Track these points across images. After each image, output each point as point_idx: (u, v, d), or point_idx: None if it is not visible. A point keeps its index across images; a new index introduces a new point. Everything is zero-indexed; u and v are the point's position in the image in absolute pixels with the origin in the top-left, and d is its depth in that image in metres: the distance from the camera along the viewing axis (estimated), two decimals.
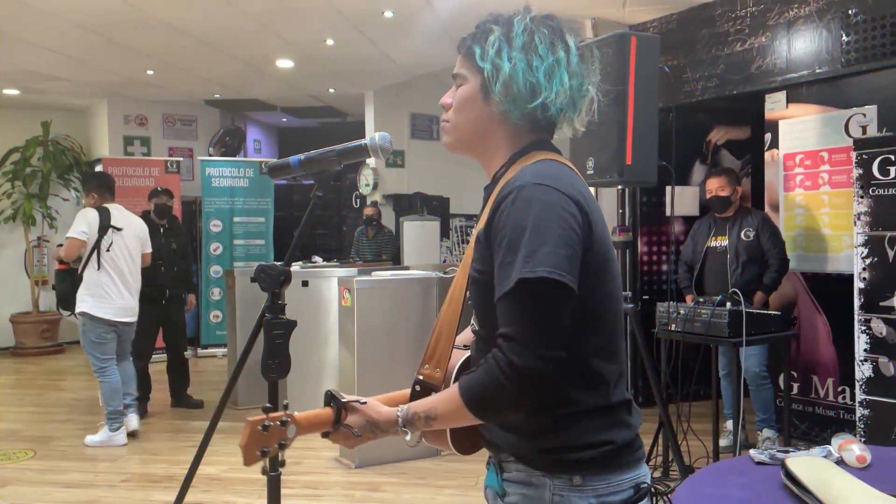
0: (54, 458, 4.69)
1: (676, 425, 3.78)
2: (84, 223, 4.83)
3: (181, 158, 8.68)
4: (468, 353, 1.41)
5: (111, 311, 4.85)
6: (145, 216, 5.55)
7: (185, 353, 6.05)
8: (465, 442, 1.39)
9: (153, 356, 5.88)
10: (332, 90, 8.34)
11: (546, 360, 1.17)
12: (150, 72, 7.29)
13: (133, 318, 5.03)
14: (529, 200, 1.21)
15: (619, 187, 3.54)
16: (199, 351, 8.37)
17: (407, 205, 8.37)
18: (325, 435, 1.32)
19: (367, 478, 4.21)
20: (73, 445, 4.92)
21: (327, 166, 1.42)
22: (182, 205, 8.29)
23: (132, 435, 5.02)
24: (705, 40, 5.22)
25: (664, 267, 5.93)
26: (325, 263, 6.31)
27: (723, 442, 4.46)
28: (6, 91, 8.11)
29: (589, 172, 3.42)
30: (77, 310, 4.88)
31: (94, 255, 4.83)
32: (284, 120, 10.26)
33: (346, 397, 1.31)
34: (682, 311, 3.90)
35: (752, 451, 2.91)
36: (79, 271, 4.89)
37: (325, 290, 5.44)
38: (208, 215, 8.44)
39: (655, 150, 3.41)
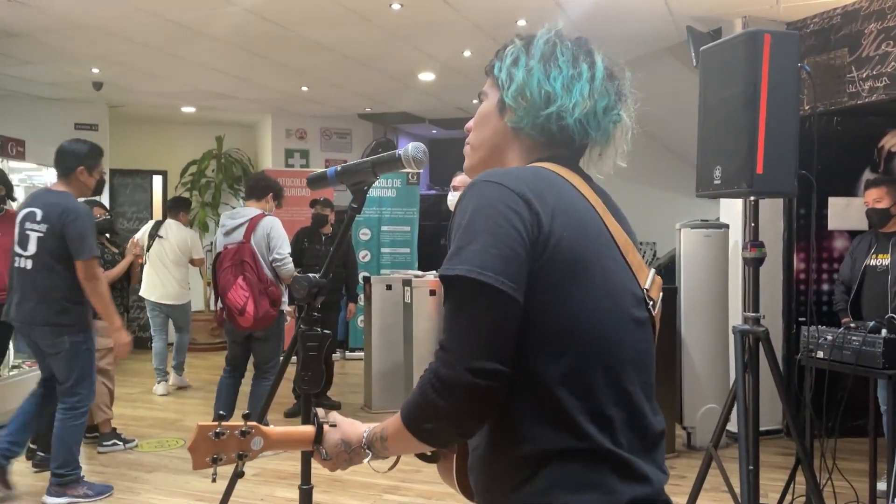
0: None
1: (820, 463, 3.39)
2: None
3: None
4: None
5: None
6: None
7: (333, 356, 6.41)
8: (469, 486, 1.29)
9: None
10: (475, 101, 8.39)
11: (477, 373, 1.02)
12: (304, 88, 7.73)
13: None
14: (471, 198, 1.12)
15: (751, 199, 3.23)
16: (347, 354, 8.72)
17: None
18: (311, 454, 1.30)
19: None
20: None
21: (363, 177, 1.41)
22: (335, 214, 8.72)
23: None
24: (873, 36, 4.69)
25: (825, 286, 5.40)
26: None
27: (881, 486, 3.96)
28: (184, 109, 8.93)
29: (716, 182, 3.16)
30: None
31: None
32: (434, 132, 10.47)
33: (331, 417, 1.27)
34: (829, 337, 3.50)
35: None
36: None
37: None
38: (358, 224, 8.77)
39: (795, 158, 3.08)
